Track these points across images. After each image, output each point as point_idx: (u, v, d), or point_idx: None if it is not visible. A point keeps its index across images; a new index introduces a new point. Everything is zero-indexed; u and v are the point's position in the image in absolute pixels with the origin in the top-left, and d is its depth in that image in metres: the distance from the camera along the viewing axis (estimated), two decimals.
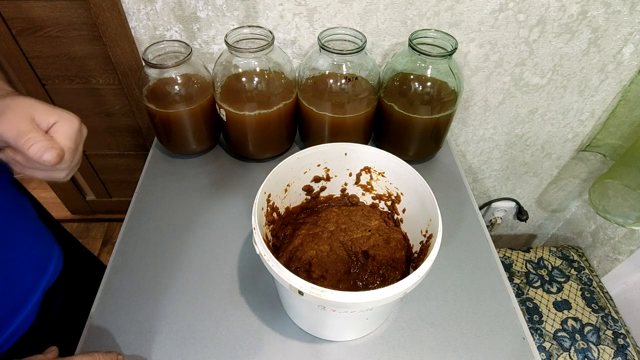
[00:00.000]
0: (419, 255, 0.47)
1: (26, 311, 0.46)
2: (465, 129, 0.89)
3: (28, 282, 0.47)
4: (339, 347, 0.49)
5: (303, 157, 0.50)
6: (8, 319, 0.44)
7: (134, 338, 0.48)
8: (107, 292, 0.52)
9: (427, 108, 0.63)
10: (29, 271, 0.47)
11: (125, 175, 1.19)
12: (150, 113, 0.64)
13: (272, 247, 0.50)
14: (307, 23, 0.68)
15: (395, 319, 0.51)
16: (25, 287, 0.46)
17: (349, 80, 0.61)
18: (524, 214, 1.10)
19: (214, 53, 0.73)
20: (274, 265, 0.37)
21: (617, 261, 0.98)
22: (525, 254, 1.03)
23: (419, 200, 0.48)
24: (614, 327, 0.89)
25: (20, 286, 0.46)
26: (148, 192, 0.65)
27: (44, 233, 0.52)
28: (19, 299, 0.45)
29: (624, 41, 0.72)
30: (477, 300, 0.54)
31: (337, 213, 0.53)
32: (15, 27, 0.83)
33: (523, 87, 0.80)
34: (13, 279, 0.44)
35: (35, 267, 0.48)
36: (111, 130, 1.05)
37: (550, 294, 0.94)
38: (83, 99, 0.97)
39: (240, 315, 0.51)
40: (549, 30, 0.70)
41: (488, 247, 0.60)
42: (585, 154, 0.96)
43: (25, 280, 0.46)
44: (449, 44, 0.59)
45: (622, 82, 0.79)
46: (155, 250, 0.57)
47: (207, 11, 0.67)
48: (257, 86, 0.60)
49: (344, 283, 0.47)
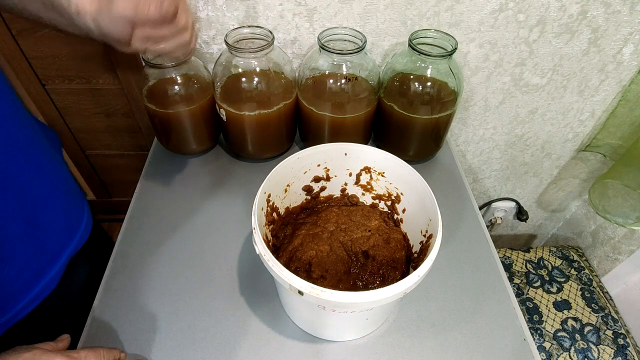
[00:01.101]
0: (419, 255, 0.47)
1: (52, 273, 0.47)
2: (465, 129, 0.89)
3: (57, 243, 0.48)
4: (339, 347, 0.49)
5: (303, 157, 0.50)
6: (32, 281, 0.45)
7: (134, 338, 0.48)
8: (107, 292, 0.52)
9: (427, 108, 0.63)
10: (59, 231, 0.48)
11: (125, 175, 1.19)
12: (150, 113, 0.64)
13: (272, 247, 0.50)
14: (307, 23, 0.68)
15: (395, 319, 0.51)
16: (53, 249, 0.47)
17: (349, 80, 0.61)
18: (524, 214, 1.10)
19: (214, 53, 0.73)
20: (274, 265, 0.37)
21: (617, 261, 0.98)
22: (525, 254, 1.03)
23: (419, 200, 0.48)
24: (614, 327, 0.89)
25: (51, 246, 0.47)
26: (148, 192, 0.65)
27: (76, 193, 0.53)
28: (47, 260, 0.46)
29: (624, 41, 0.72)
30: (477, 300, 0.54)
31: (337, 213, 0.53)
32: (15, 27, 0.83)
33: (523, 87, 0.80)
34: (44, 238, 0.45)
35: (67, 227, 0.49)
36: (111, 130, 1.05)
37: (550, 294, 0.94)
38: (83, 99, 0.97)
39: (240, 315, 0.51)
40: (549, 30, 0.70)
41: (488, 247, 0.60)
42: (585, 154, 0.96)
43: (54, 240, 0.47)
44: (449, 44, 0.59)
45: (622, 82, 0.79)
46: (155, 250, 0.57)
47: (207, 11, 0.67)
48: (257, 86, 0.60)
49: (344, 283, 0.47)
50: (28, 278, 0.44)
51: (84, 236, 0.52)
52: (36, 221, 0.44)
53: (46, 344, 0.39)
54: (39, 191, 0.45)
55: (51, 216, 0.46)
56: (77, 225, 0.52)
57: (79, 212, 0.53)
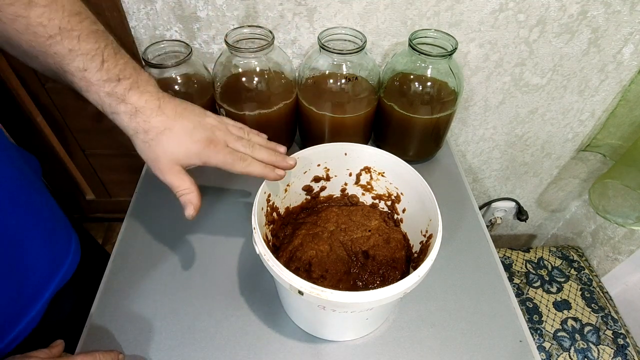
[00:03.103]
0: (419, 255, 0.47)
1: (33, 313, 0.45)
2: (465, 129, 0.89)
3: (39, 281, 0.46)
4: (339, 347, 0.49)
5: (303, 157, 0.50)
6: (12, 322, 0.43)
7: (134, 338, 0.48)
8: (107, 292, 0.52)
9: (427, 108, 0.63)
10: (42, 268, 0.46)
11: (125, 175, 1.19)
12: None
13: (272, 247, 0.50)
14: (307, 23, 0.68)
15: (395, 319, 0.51)
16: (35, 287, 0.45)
17: (349, 80, 0.61)
18: (524, 214, 1.10)
19: (214, 53, 0.73)
20: (274, 265, 0.37)
21: (617, 261, 0.98)
22: (525, 254, 1.03)
23: (419, 200, 0.48)
24: (614, 327, 0.89)
25: (32, 285, 0.45)
26: (148, 192, 0.65)
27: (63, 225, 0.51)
28: (28, 300, 0.44)
29: (624, 41, 0.72)
30: (477, 300, 0.54)
31: (337, 213, 0.53)
32: None
33: (523, 87, 0.80)
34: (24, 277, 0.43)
35: (51, 262, 0.48)
36: (111, 130, 1.04)
37: (550, 294, 0.94)
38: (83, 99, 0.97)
39: (240, 315, 0.51)
40: (549, 30, 0.70)
41: (488, 247, 0.60)
42: (585, 154, 0.96)
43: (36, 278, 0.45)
44: (449, 44, 0.59)
45: (622, 82, 0.79)
46: (155, 250, 0.57)
47: (207, 11, 0.67)
48: (257, 86, 0.60)
49: (344, 283, 0.47)
50: (10, 317, 0.42)
51: (70, 270, 0.50)
52: (16, 260, 0.42)
53: (40, 351, 0.38)
54: (21, 228, 0.42)
55: (33, 253, 0.44)
56: (62, 259, 0.49)
57: (65, 245, 0.51)
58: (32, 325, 0.45)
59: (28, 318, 0.44)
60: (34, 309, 0.45)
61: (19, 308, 0.44)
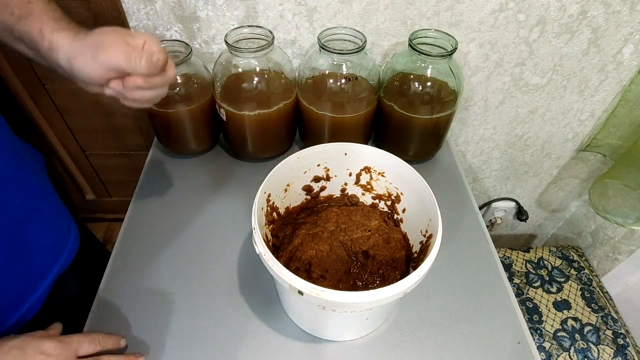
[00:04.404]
0: (419, 255, 0.47)
1: (38, 294, 0.46)
2: (465, 129, 0.89)
3: (43, 264, 0.47)
4: (339, 347, 0.49)
5: (303, 157, 0.50)
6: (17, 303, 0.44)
7: (133, 338, 0.48)
8: (107, 292, 0.52)
9: (427, 108, 0.63)
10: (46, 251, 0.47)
11: (125, 175, 1.19)
12: (150, 113, 0.64)
13: (272, 247, 0.50)
14: (307, 23, 0.68)
15: (395, 319, 0.51)
16: (39, 270, 0.47)
17: (348, 80, 0.61)
18: (523, 214, 1.10)
19: (214, 53, 0.73)
20: (274, 265, 0.37)
21: (617, 261, 0.98)
22: (525, 254, 1.03)
23: (419, 200, 0.48)
24: (614, 327, 0.89)
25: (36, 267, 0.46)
26: (148, 192, 0.65)
27: (63, 213, 0.53)
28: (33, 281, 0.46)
29: (624, 41, 0.72)
30: (477, 300, 0.54)
31: (337, 213, 0.53)
32: None
33: (523, 87, 0.80)
34: (29, 259, 0.45)
35: (53, 246, 0.49)
36: (111, 130, 1.05)
37: (550, 294, 0.94)
38: (83, 99, 0.97)
39: (240, 315, 0.51)
40: (549, 30, 0.70)
41: (488, 247, 0.60)
42: (585, 154, 0.96)
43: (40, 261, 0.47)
44: (449, 44, 0.59)
45: (622, 82, 0.79)
46: (155, 250, 0.57)
47: (207, 11, 0.67)
48: (257, 86, 0.60)
49: (343, 283, 0.47)
50: (12, 300, 0.44)
51: (71, 254, 0.52)
52: (23, 239, 0.44)
53: (37, 332, 0.39)
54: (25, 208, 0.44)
55: (37, 235, 0.46)
56: (63, 245, 0.51)
57: (65, 231, 0.52)
58: (37, 307, 0.46)
59: (33, 299, 0.46)
60: (38, 290, 0.46)
61: (24, 288, 0.45)
